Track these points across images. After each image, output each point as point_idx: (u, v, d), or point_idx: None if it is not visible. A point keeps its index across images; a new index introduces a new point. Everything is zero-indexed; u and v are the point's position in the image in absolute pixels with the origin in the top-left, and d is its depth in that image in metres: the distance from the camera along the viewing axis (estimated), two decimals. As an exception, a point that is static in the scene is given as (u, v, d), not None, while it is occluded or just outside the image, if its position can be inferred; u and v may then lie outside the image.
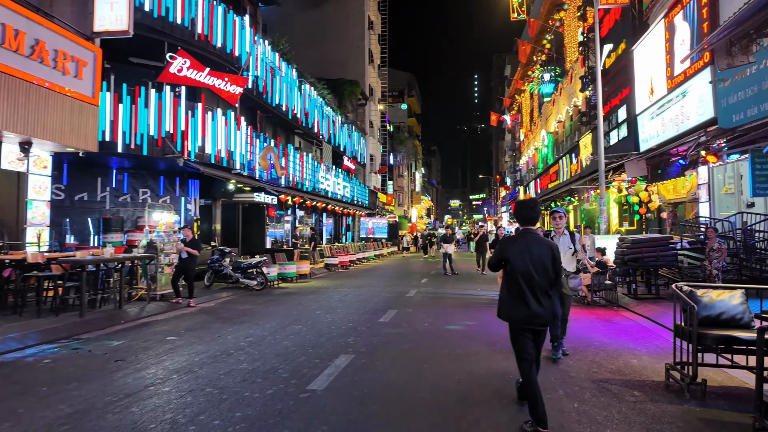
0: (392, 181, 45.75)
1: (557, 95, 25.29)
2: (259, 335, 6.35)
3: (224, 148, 14.16)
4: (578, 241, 5.27)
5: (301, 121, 21.70)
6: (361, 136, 32.80)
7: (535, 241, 3.53)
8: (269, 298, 10.14)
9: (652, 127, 11.56)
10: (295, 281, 14.04)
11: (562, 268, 3.72)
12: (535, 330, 3.47)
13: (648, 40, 11.61)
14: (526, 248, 3.48)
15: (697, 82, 9.12)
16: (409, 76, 61.57)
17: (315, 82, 24.40)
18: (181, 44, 12.97)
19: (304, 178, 21.13)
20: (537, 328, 3.45)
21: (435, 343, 5.84)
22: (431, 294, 10.49)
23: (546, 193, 26.61)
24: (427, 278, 14.43)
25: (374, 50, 37.12)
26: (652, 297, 8.89)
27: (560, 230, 5.30)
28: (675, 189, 13.37)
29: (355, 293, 10.76)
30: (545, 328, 3.50)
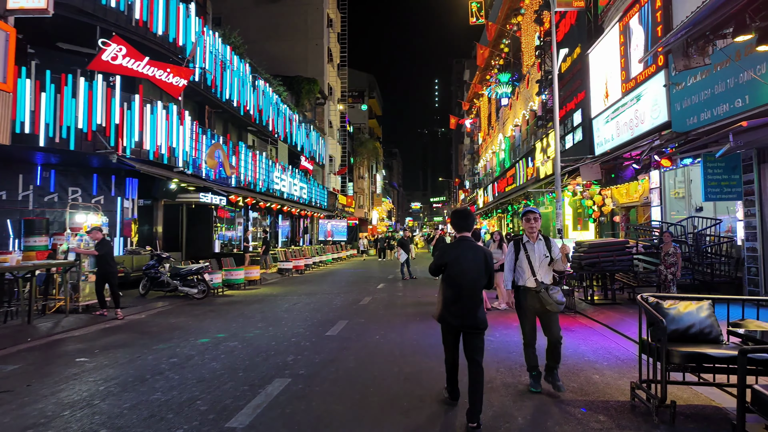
0: (352, 182, 45.11)
1: (514, 99, 25.54)
2: (186, 355, 5.57)
3: (165, 144, 13.08)
4: (557, 248, 4.36)
5: (254, 118, 20.70)
6: (319, 136, 31.97)
7: (470, 248, 3.81)
8: (209, 309, 9.27)
9: (607, 131, 11.57)
10: (243, 288, 13.15)
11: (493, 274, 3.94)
12: (466, 332, 3.71)
13: (603, 44, 11.64)
14: (462, 255, 3.77)
15: (652, 85, 9.10)
16: (370, 77, 61.15)
17: (270, 78, 23.43)
18: (115, 30, 11.84)
19: (256, 177, 20.14)
20: (469, 330, 3.70)
21: (385, 360, 5.29)
22: (387, 302, 9.96)
23: (503, 196, 26.81)
24: (384, 283, 13.91)
25: (333, 49, 36.40)
26: (609, 303, 8.75)
27: (534, 234, 4.39)
28: (628, 193, 13.55)
29: (305, 301, 10.07)
30: (477, 331, 3.70)
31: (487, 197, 34.41)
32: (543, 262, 4.26)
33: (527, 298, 4.27)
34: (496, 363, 5.15)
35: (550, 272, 4.32)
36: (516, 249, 4.39)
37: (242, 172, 18.84)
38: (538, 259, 4.27)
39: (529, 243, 4.37)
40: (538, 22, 18.71)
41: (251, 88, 20.55)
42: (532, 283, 4.23)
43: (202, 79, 16.09)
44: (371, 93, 58.90)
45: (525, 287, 4.28)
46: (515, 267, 4.39)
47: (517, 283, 4.38)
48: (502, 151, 29.03)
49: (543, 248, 4.33)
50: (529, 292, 4.25)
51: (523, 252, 4.33)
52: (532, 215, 4.47)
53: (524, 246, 4.36)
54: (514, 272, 4.41)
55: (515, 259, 4.37)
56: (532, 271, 4.24)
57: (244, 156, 18.97)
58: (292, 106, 26.96)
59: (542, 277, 4.23)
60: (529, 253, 4.29)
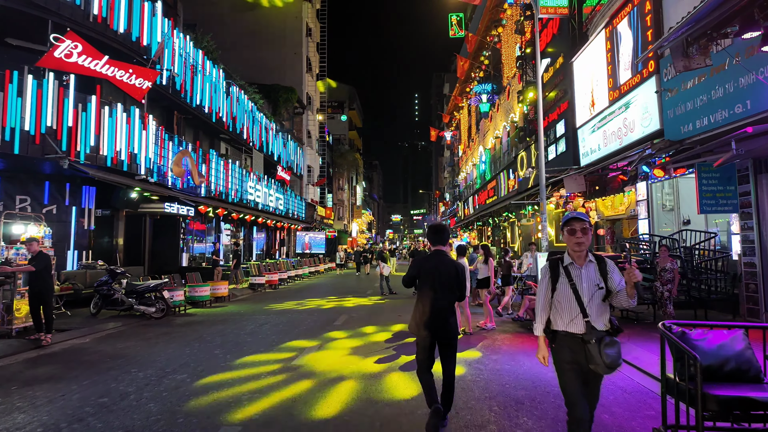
0: (332, 194, 44.27)
1: (494, 111, 25.32)
2: (120, 392, 4.67)
3: (125, 149, 12.10)
4: (617, 275, 2.91)
5: (227, 126, 19.80)
6: (297, 146, 31.15)
7: (444, 261, 3.93)
8: (164, 330, 8.31)
9: (593, 141, 11.17)
10: (209, 306, 12.15)
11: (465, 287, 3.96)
12: (441, 343, 3.82)
13: (588, 52, 11.30)
14: (435, 268, 3.87)
15: (642, 92, 8.70)
16: (350, 89, 60.77)
17: (245, 85, 22.61)
18: (70, 25, 10.92)
19: (229, 187, 19.17)
20: (441, 341, 3.82)
21: (355, 405, 4.51)
22: (364, 321, 9.16)
23: (484, 208, 26.42)
24: (362, 299, 13.09)
25: (313, 59, 35.84)
26: (601, 321, 8.16)
27: (582, 254, 2.92)
28: (613, 205, 13.16)
29: (274, 321, 9.19)
30: (450, 341, 3.83)
31: (468, 209, 34.05)
32: (596, 296, 2.85)
33: (568, 348, 2.86)
34: (488, 399, 4.43)
35: (606, 311, 2.87)
36: (553, 275, 2.96)
37: (213, 181, 17.87)
38: (588, 290, 2.84)
39: (574, 266, 2.91)
40: (519, 32, 18.52)
41: (224, 95, 19.70)
42: (578, 327, 2.83)
43: (170, 82, 15.19)
44: (351, 105, 58.49)
45: (566, 333, 2.87)
46: (552, 302, 2.97)
47: (554, 326, 2.95)
48: (483, 164, 28.76)
49: (595, 275, 2.88)
50: (572, 339, 2.84)
51: (564, 280, 2.90)
52: (579, 224, 2.89)
53: (566, 271, 2.91)
54: (549, 310, 2.98)
55: (551, 290, 2.95)
56: (581, 308, 2.83)
57: (215, 164, 18.02)
58: (269, 115, 26.14)
59: (594, 318, 2.82)
60: (575, 282, 2.87)
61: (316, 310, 10.95)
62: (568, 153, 13.79)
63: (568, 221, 2.96)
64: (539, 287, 3.10)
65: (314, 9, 36.56)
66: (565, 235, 2.97)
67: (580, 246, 2.90)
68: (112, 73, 11.58)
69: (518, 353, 6.29)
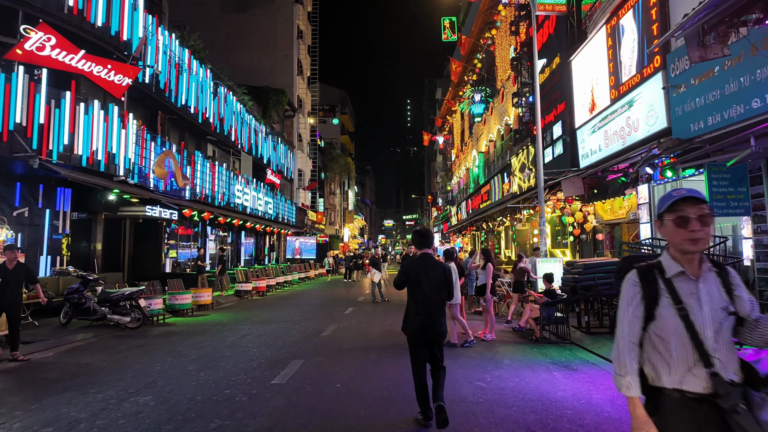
0: (323, 198, 43.64)
1: (488, 115, 24.98)
2: (71, 420, 4.06)
3: (103, 149, 11.46)
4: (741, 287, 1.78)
5: (214, 127, 19.18)
6: (288, 149, 30.56)
7: (431, 263, 4.12)
8: (138, 343, 7.66)
9: (593, 142, 10.74)
10: (191, 314, 11.49)
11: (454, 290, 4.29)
12: (430, 342, 3.98)
13: (588, 50, 10.90)
14: (423, 270, 4.03)
15: (647, 89, 8.28)
16: (342, 93, 60.37)
17: (233, 86, 22.03)
18: (43, 16, 10.30)
19: (215, 190, 18.52)
20: (430, 340, 3.98)
21: (346, 425, 3.94)
22: (354, 331, 8.58)
23: (477, 213, 25.99)
24: (352, 307, 12.50)
25: (304, 61, 35.34)
26: (607, 331, 7.68)
27: (696, 260, 1.76)
28: (612, 209, 12.73)
29: (258, 332, 8.57)
30: (439, 341, 4.02)
31: (461, 214, 33.64)
32: (725, 327, 1.71)
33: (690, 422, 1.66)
34: (494, 427, 3.87)
35: (734, 350, 1.72)
36: (648, 295, 1.78)
37: (198, 183, 17.23)
38: (711, 317, 1.70)
39: (684, 279, 1.76)
40: (514, 33, 18.17)
41: (212, 95, 19.10)
42: (700, 382, 1.67)
43: (154, 81, 14.58)
44: (343, 109, 58.05)
45: (681, 394, 1.69)
46: (648, 339, 1.79)
47: (654, 380, 1.76)
48: (476, 168, 28.38)
49: (719, 292, 1.74)
50: (694, 406, 1.67)
51: (668, 302, 1.74)
52: (695, 208, 1.73)
53: (670, 287, 1.75)
54: (640, 350, 1.80)
55: (646, 318, 1.78)
56: (700, 347, 1.68)
57: (200, 166, 17.38)
58: (259, 117, 25.57)
59: (725, 360, 1.67)
60: (687, 305, 1.72)
61: (303, 319, 10.34)
62: (566, 155, 13.37)
63: (675, 204, 1.75)
64: (620, 313, 1.85)
65: (305, 11, 36.12)
66: (668, 228, 1.79)
67: (697, 245, 1.72)
68: (89, 68, 10.96)
69: (522, 368, 5.76)
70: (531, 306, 7.76)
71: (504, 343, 7.40)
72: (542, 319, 7.50)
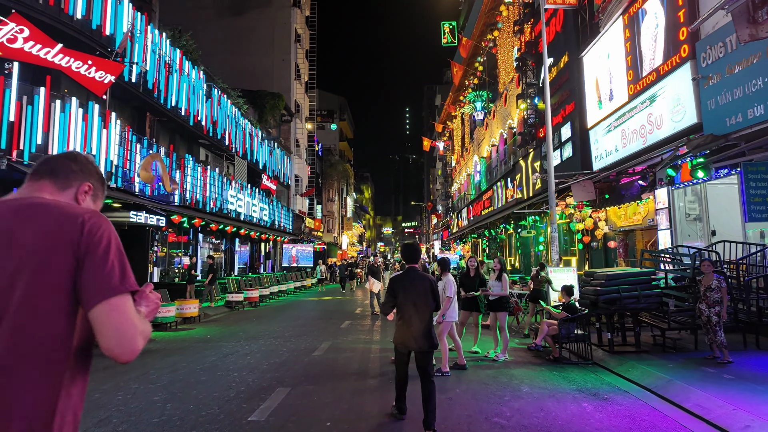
0: (321, 205, 42.85)
1: (490, 119, 24.31)
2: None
3: (81, 149, 10.66)
4: None
5: (206, 130, 18.43)
6: (285, 155, 29.81)
7: (417, 276, 4.32)
8: (105, 364, 6.79)
9: (609, 142, 9.99)
10: (174, 328, 10.64)
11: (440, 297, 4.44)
12: (424, 351, 4.13)
13: (602, 44, 10.19)
14: (410, 283, 4.26)
15: (673, 82, 7.54)
16: (341, 100, 59.89)
17: (228, 88, 21.33)
18: (16, 6, 9.55)
19: (207, 196, 17.71)
20: (418, 350, 4.13)
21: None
22: (350, 350, 7.73)
23: (479, 220, 25.21)
24: (349, 321, 11.65)
25: (302, 66, 34.74)
26: (633, 350, 6.84)
27: None
28: (626, 215, 11.96)
29: (243, 350, 7.73)
30: (432, 349, 4.16)
31: (462, 221, 32.84)
32: None
33: None
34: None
35: None
36: None
37: (189, 189, 16.42)
38: None
39: None
40: (518, 33, 17.53)
41: (205, 98, 18.37)
42: None
43: (141, 80, 13.85)
44: (342, 115, 57.49)
45: None
46: None
47: None
48: (478, 173, 27.65)
49: None
50: None
51: None
52: None
53: None
54: None
55: None
56: None
57: (191, 171, 16.58)
58: (254, 122, 24.86)
59: None
60: None
61: (295, 334, 9.49)
62: (575, 158, 12.63)
63: None
64: None
65: (303, 15, 35.61)
66: None
67: None
68: (66, 63, 10.19)
69: (545, 398, 4.93)
70: (548, 322, 6.93)
71: (519, 365, 6.57)
72: (561, 336, 6.68)
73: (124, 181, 12.55)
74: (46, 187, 1.25)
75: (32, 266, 1.10)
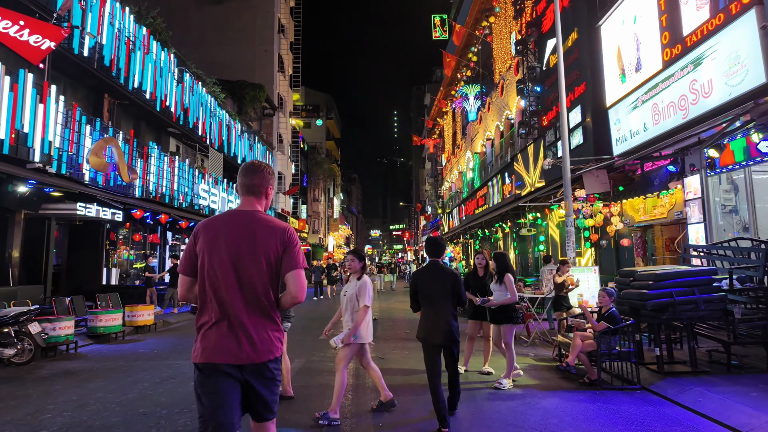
0: (306, 205, 41.09)
1: (485, 112, 22.95)
2: None
3: (8, 126, 8.90)
4: None
5: (176, 118, 16.67)
6: (266, 150, 28.05)
7: (440, 270, 4.18)
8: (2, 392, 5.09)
9: (634, 120, 8.57)
10: (122, 338, 8.92)
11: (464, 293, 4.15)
12: (443, 346, 4.08)
13: (626, 7, 8.78)
14: (431, 277, 4.16)
15: (728, 36, 6.13)
16: (328, 97, 58.22)
17: (202, 75, 19.58)
18: None
19: (175, 189, 15.94)
20: (443, 344, 4.06)
21: None
22: (328, 372, 6.11)
23: (472, 219, 23.79)
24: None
25: (285, 58, 33.04)
26: (688, 370, 5.35)
27: None
28: (645, 209, 10.56)
29: (188, 373, 6.05)
30: (450, 344, 4.08)
31: (453, 222, 31.42)
32: None
33: None
34: None
35: None
36: None
37: (154, 180, 14.66)
38: None
39: None
40: (518, 13, 16.16)
41: (175, 83, 16.63)
42: None
43: (96, 55, 12.09)
44: (329, 114, 55.82)
45: None
46: None
47: None
48: (471, 171, 26.25)
49: None
50: None
51: None
52: None
53: None
54: None
55: None
56: None
57: (156, 160, 14.82)
58: (233, 113, 23.11)
59: None
60: None
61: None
62: (586, 146, 11.24)
63: None
64: None
65: (288, 6, 33.97)
66: None
67: None
68: (-11, 21, 8.46)
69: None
70: (582, 335, 5.42)
71: (547, 392, 5.03)
72: (601, 354, 5.16)
73: (71, 167, 10.78)
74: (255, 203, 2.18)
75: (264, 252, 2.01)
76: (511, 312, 5.51)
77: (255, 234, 2.00)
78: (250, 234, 2.00)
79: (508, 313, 5.49)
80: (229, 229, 2.02)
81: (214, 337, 1.91)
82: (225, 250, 1.97)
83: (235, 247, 1.98)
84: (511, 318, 5.50)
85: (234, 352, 1.89)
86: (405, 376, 5.76)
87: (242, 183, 2.16)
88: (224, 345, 1.90)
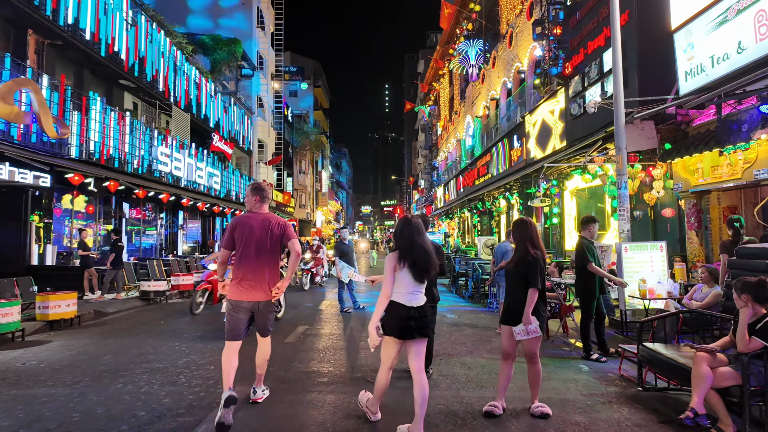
0: (292, 177, 38.51)
1: (489, 69, 20.39)
2: None
3: None
4: None
5: (128, 67, 14.00)
6: (245, 114, 25.34)
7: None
8: None
9: (721, 41, 6.25)
10: (21, 339, 6.61)
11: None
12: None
13: None
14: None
15: None
16: (316, 64, 54.80)
17: (163, 20, 16.75)
18: None
19: (127, 152, 13.40)
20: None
21: None
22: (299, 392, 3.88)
23: (472, 191, 21.52)
24: (305, 325, 7.80)
25: (266, 12, 29.85)
26: None
27: None
28: (704, 170, 8.32)
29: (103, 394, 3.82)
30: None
31: (449, 194, 29.13)
32: None
33: None
34: None
35: None
36: None
37: (98, 138, 12.12)
38: None
39: None
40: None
41: (126, 25, 13.88)
42: None
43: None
44: (317, 81, 52.53)
45: None
46: None
47: None
48: (471, 137, 23.81)
49: None
50: None
51: None
52: None
53: None
54: None
55: None
56: None
57: (99, 115, 12.23)
58: (205, 72, 20.33)
59: None
60: None
61: (208, 353, 5.61)
62: (629, 90, 8.90)
63: None
64: None
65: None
66: None
67: None
68: None
69: None
70: (705, 357, 3.21)
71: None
72: (750, 391, 2.97)
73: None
74: (264, 207, 3.94)
75: (274, 234, 3.80)
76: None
77: (269, 227, 3.78)
78: (266, 227, 3.77)
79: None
80: (253, 224, 3.77)
81: (240, 286, 3.68)
82: (252, 237, 3.73)
83: (258, 233, 3.75)
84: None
85: (253, 295, 3.66)
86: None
87: (258, 196, 3.95)
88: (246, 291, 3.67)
